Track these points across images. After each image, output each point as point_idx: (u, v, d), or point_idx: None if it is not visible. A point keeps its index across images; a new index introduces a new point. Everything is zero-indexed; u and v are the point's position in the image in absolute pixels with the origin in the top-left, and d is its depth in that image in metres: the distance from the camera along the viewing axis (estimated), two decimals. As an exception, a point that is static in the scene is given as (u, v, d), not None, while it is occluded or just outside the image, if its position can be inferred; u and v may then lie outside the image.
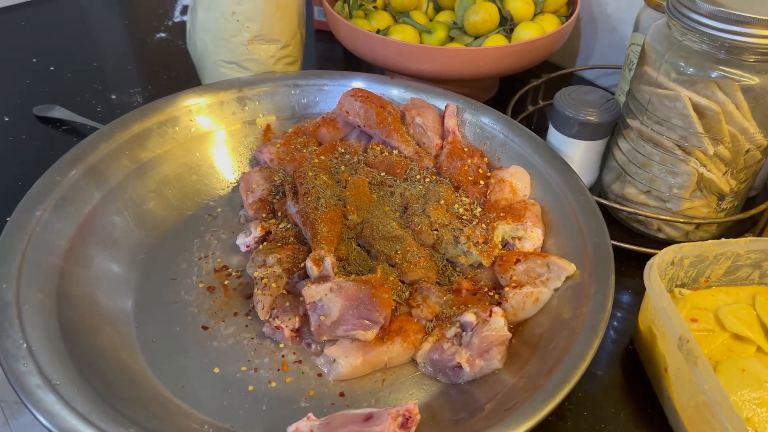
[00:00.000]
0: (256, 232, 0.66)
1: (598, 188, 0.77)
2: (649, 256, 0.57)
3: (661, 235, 0.71)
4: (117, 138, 0.69)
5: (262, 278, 0.60)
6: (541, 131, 0.75)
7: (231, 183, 0.75)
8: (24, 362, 0.48)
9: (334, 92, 0.80)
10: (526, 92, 0.89)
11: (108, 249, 0.63)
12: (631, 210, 0.69)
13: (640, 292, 0.65)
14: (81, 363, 0.52)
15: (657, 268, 0.55)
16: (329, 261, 0.59)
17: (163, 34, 1.12)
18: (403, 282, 0.62)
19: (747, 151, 0.62)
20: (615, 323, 0.64)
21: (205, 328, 0.60)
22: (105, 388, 0.51)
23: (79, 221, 0.62)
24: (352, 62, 1.06)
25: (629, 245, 0.69)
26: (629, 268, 0.68)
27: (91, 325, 0.57)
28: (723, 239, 0.59)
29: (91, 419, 0.46)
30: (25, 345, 0.50)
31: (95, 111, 0.92)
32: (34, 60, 1.03)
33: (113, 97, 0.95)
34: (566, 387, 0.48)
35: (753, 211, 0.70)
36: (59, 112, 0.88)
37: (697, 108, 0.60)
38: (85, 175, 0.65)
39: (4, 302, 0.52)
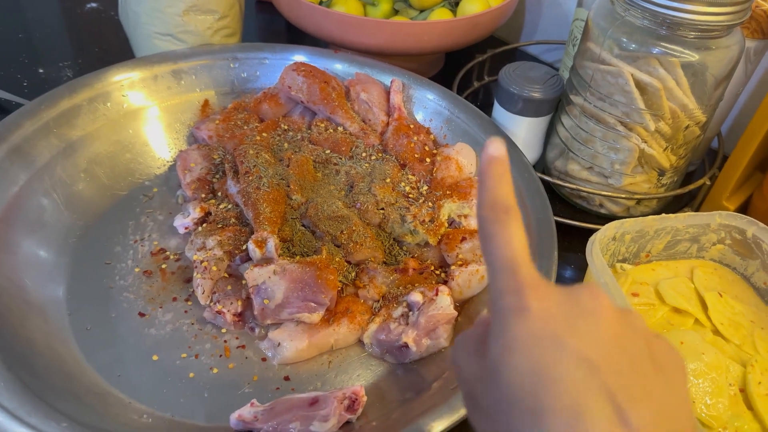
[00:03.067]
0: (195, 213, 0.63)
1: (542, 165, 0.77)
2: (592, 231, 0.57)
3: (603, 211, 0.72)
4: (43, 115, 0.65)
5: (201, 261, 0.58)
6: (487, 107, 0.75)
7: (167, 161, 0.72)
8: (-57, 357, 0.45)
9: (276, 66, 0.77)
10: (471, 68, 0.88)
11: (36, 233, 0.60)
12: (574, 186, 0.70)
13: (583, 267, 0.66)
14: (8, 355, 0.49)
15: (599, 244, 0.56)
16: (272, 242, 0.57)
17: (94, 4, 1.06)
18: (349, 262, 0.61)
19: (686, 127, 0.63)
20: (559, 298, 0.65)
21: (141, 314, 0.57)
22: (35, 380, 0.48)
23: (3, 204, 0.59)
24: (295, 35, 1.03)
25: (572, 221, 0.69)
26: (572, 244, 0.69)
27: (19, 314, 0.54)
28: (663, 214, 0.60)
29: (20, 415, 0.44)
30: (-57, 338, 0.47)
31: (21, 86, 0.86)
32: (-48, 30, 0.96)
33: (41, 71, 0.90)
34: (511, 365, 0.48)
35: (691, 186, 0.71)
36: (-20, 87, 0.82)
37: (638, 84, 0.61)
38: (8, 155, 0.61)
39: None
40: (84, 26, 1.01)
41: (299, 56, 0.78)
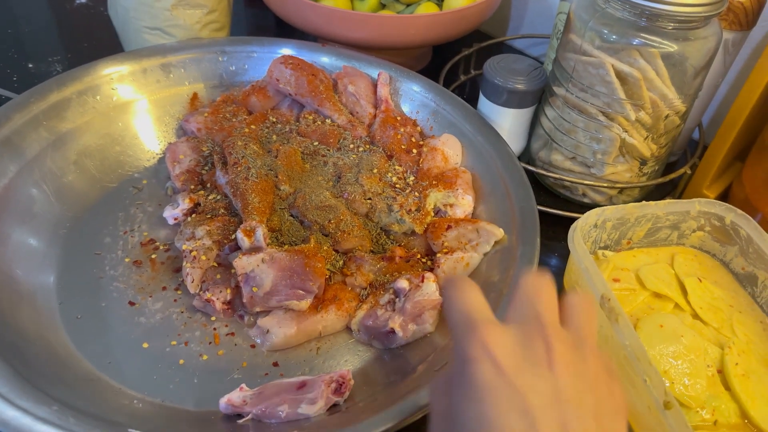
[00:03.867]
0: (184, 203, 0.64)
1: (527, 156, 0.78)
2: (575, 220, 0.59)
3: (586, 200, 0.74)
4: (33, 108, 0.66)
5: (191, 251, 0.59)
6: (473, 100, 0.76)
7: (156, 154, 0.73)
8: (-65, 343, 0.46)
9: (264, 59, 0.78)
10: (457, 62, 0.89)
11: (26, 224, 0.61)
12: (557, 176, 0.71)
13: (566, 255, 0.67)
14: (-1, 343, 0.49)
15: (580, 231, 0.57)
16: (261, 231, 0.58)
17: (83, 0, 1.07)
18: (336, 251, 0.62)
19: (666, 117, 0.65)
20: (543, 286, 0.66)
21: (131, 303, 0.58)
22: (26, 368, 0.49)
23: (-6, 196, 0.59)
24: (284, 29, 1.03)
25: (555, 210, 0.71)
26: (556, 233, 0.70)
27: (9, 303, 0.54)
28: (644, 202, 0.61)
29: (11, 398, 0.45)
30: (-65, 325, 0.47)
31: (10, 80, 0.87)
32: (-60, 26, 0.96)
33: (30, 65, 0.90)
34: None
35: (673, 175, 0.72)
36: (-30, 82, 0.83)
37: (619, 75, 0.62)
38: (-2, 148, 0.62)
39: None
40: (73, 22, 1.02)
41: (287, 49, 0.79)
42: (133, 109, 0.73)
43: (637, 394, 0.49)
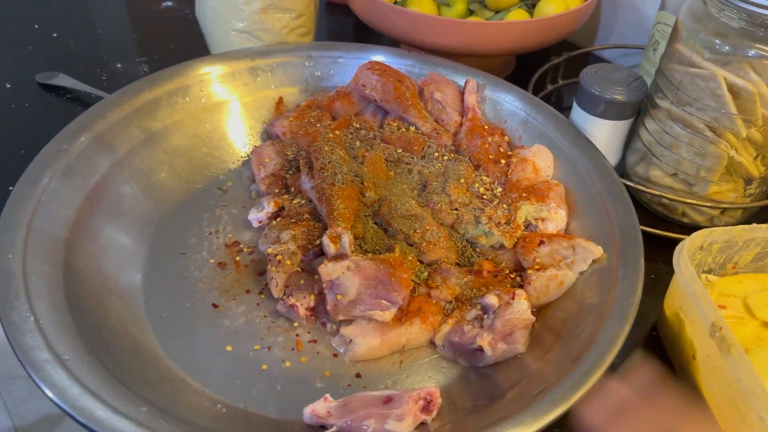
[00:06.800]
0: (269, 207, 0.63)
1: (620, 170, 0.74)
2: (672, 240, 0.55)
3: (685, 220, 0.69)
4: (125, 107, 0.67)
5: (275, 255, 0.58)
6: (561, 111, 0.73)
7: (242, 157, 0.73)
8: (32, 335, 0.46)
9: (349, 65, 0.77)
10: (545, 71, 0.86)
11: (116, 221, 0.61)
12: (657, 193, 0.67)
13: (662, 277, 0.64)
14: (89, 338, 0.50)
15: (687, 253, 0.54)
16: (347, 238, 0.57)
17: (169, 3, 1.09)
18: (421, 262, 0.60)
19: (780, 135, 0.60)
20: (636, 309, 0.62)
21: (215, 306, 0.58)
22: (114, 364, 0.49)
23: (87, 191, 0.60)
24: (363, 36, 1.03)
25: (652, 229, 0.67)
26: (651, 253, 0.66)
27: (98, 298, 0.55)
28: (754, 224, 0.57)
29: (103, 396, 0.44)
30: (32, 318, 0.47)
31: (100, 79, 0.89)
32: (36, 26, 1.00)
33: (118, 65, 0.92)
34: (597, 373, 0.46)
35: (780, 197, 0.68)
36: (63, 80, 0.85)
37: (731, 88, 0.58)
38: (92, 144, 0.63)
39: (9, 273, 0.50)
40: (159, 24, 1.04)
41: (375, 56, 0.78)
42: (221, 111, 0.73)
43: (751, 433, 0.45)
